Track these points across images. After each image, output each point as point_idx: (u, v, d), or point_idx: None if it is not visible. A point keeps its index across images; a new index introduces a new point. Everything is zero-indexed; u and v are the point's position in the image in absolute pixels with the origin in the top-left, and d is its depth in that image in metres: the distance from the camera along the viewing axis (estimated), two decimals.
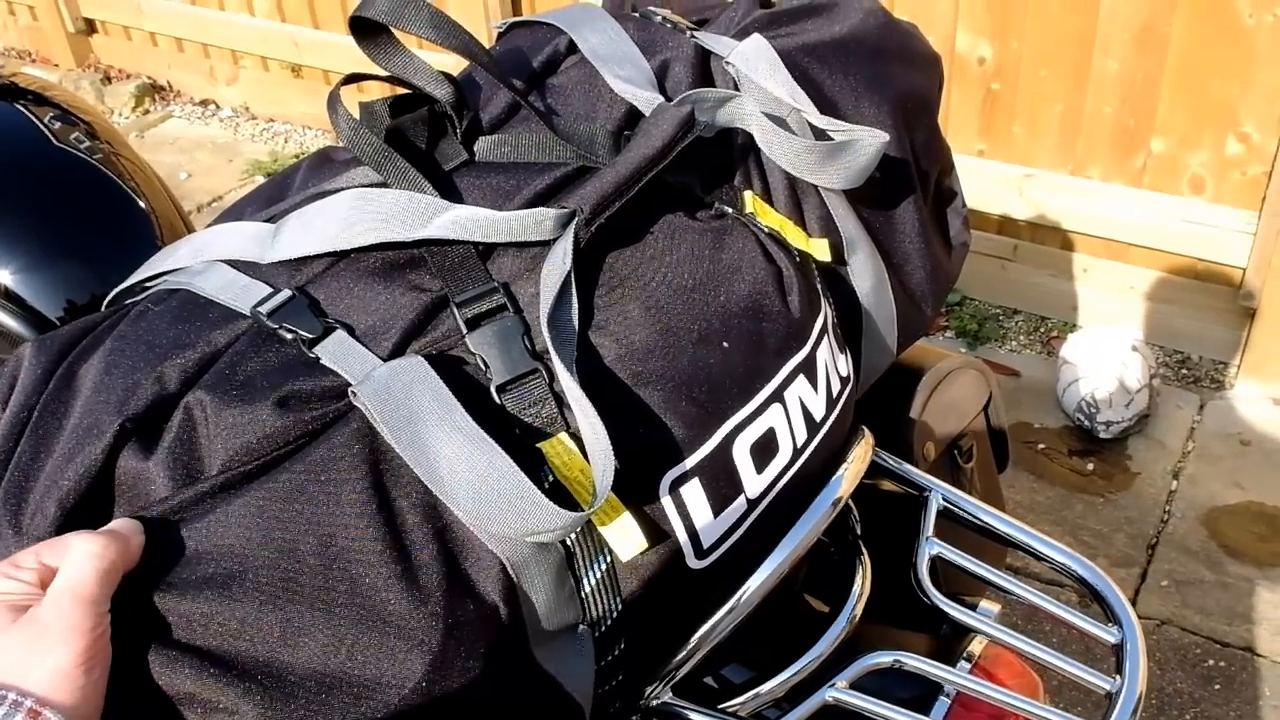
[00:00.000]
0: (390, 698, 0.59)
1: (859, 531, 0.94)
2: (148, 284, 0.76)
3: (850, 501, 0.93)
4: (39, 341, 0.70)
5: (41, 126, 1.44)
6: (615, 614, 0.69)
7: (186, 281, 0.71)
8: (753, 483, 0.73)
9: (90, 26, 4.11)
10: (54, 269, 1.32)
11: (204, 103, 3.95)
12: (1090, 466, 2.27)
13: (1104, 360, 2.29)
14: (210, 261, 0.73)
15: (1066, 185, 2.45)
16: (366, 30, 0.76)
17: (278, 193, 0.81)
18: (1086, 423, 2.31)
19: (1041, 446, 2.32)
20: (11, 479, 0.63)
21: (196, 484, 0.61)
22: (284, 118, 3.80)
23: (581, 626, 0.68)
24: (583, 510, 0.61)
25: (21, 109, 1.45)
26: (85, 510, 0.61)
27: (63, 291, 1.30)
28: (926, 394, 1.04)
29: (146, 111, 3.96)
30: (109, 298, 0.79)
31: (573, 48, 0.84)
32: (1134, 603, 1.98)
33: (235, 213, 0.81)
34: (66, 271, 1.32)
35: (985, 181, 2.51)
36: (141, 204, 1.41)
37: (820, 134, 0.81)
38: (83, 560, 0.56)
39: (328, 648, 0.58)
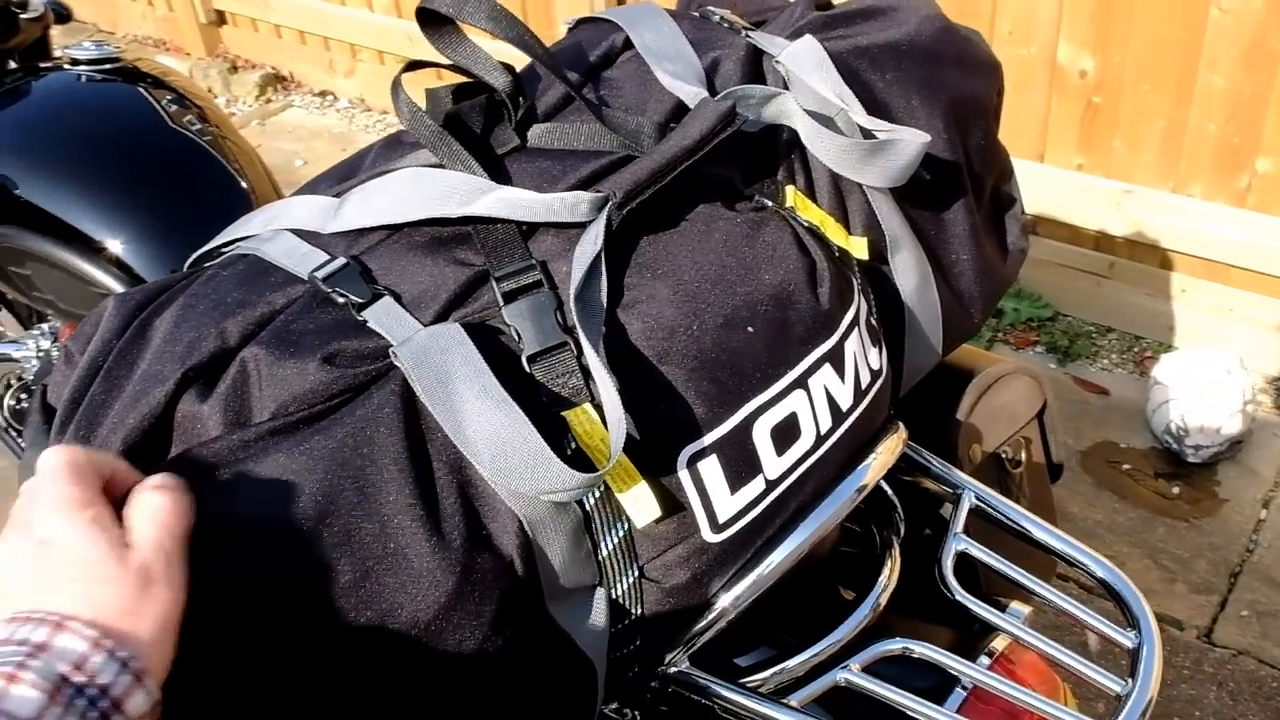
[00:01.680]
0: (407, 630, 0.64)
1: (901, 528, 0.96)
2: (224, 249, 0.82)
3: (895, 498, 0.95)
4: (120, 296, 0.76)
5: (159, 108, 1.53)
6: (631, 579, 0.73)
7: (255, 248, 0.77)
8: (772, 464, 0.76)
9: (220, 18, 4.29)
10: (160, 241, 1.41)
11: (323, 93, 4.09)
12: (1176, 490, 2.22)
13: (1197, 383, 2.24)
14: (278, 230, 0.78)
15: (1167, 203, 2.40)
16: (432, 21, 0.81)
17: (350, 170, 0.87)
18: (1175, 445, 2.26)
19: (1126, 467, 2.28)
20: (83, 416, 0.70)
21: (246, 428, 0.66)
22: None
23: (598, 589, 0.72)
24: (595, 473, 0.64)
25: (143, 91, 1.55)
26: (146, 448, 0.67)
27: (166, 263, 1.39)
28: (975, 397, 1.06)
29: (269, 100, 4.11)
30: (189, 260, 0.85)
31: (630, 43, 0.88)
32: (1210, 631, 1.95)
33: (311, 188, 0.87)
34: (171, 244, 1.41)
35: (1083, 196, 2.48)
36: (243, 184, 1.49)
37: (867, 134, 0.83)
38: (170, 513, 0.58)
39: (353, 579, 0.63)
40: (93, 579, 0.53)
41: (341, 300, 0.71)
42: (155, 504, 0.58)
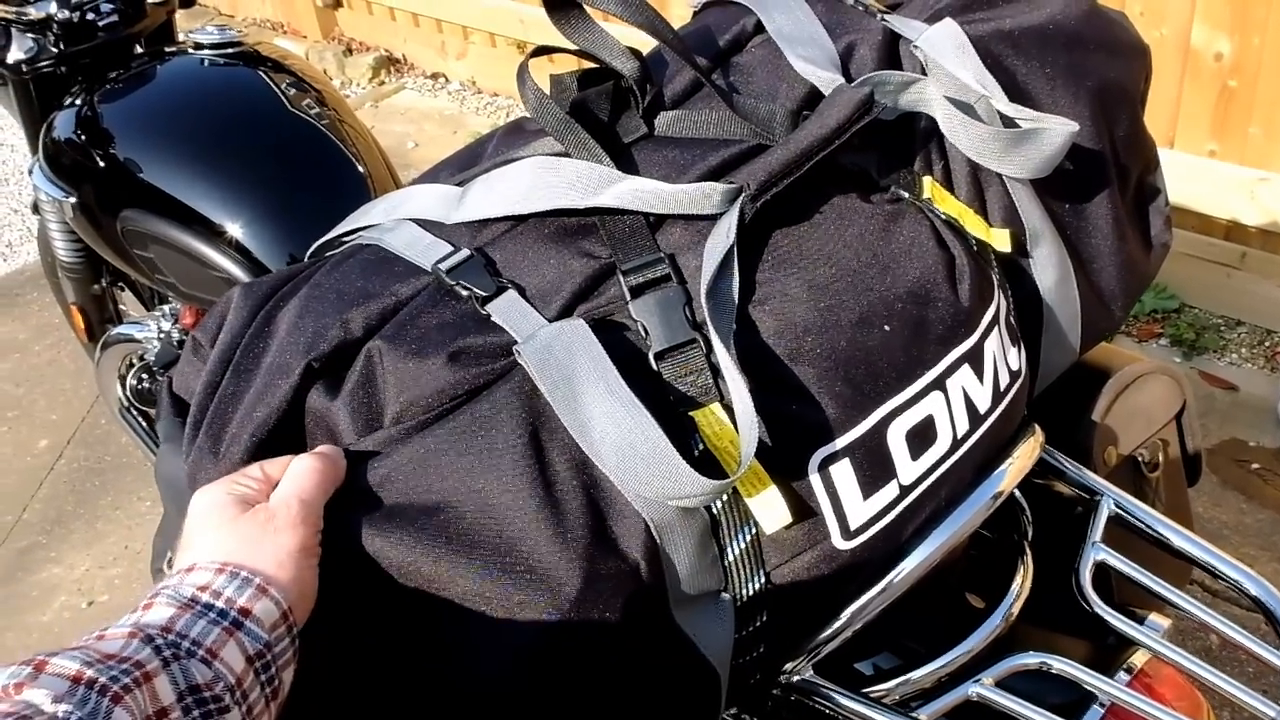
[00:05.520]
0: (528, 639, 0.62)
1: (1029, 532, 0.92)
2: (345, 238, 0.81)
3: (1024, 501, 0.91)
4: (246, 286, 0.76)
5: (279, 92, 1.54)
6: (758, 585, 0.70)
7: (377, 237, 0.76)
8: (907, 469, 0.72)
9: (336, 1, 4.34)
10: (278, 224, 1.42)
11: (434, 76, 4.11)
12: None
13: None
14: (400, 220, 0.77)
15: None
16: (559, 5, 0.79)
17: (472, 159, 0.85)
18: None
19: (1255, 466, 2.19)
20: (215, 411, 0.69)
21: (372, 433, 0.65)
22: (508, 92, 3.91)
23: (724, 594, 0.69)
24: (726, 479, 0.62)
25: (263, 74, 1.56)
26: (276, 441, 0.67)
27: (285, 246, 1.40)
28: (1111, 397, 1.00)
29: (382, 83, 4.15)
30: (311, 250, 0.84)
31: (760, 27, 0.85)
32: None
33: (432, 175, 0.86)
34: (289, 227, 1.42)
35: (1215, 184, 2.37)
36: (360, 168, 1.49)
37: (1009, 122, 0.79)
38: (304, 471, 0.64)
39: (474, 587, 0.62)
40: (218, 530, 0.62)
41: (465, 294, 0.69)
42: (297, 466, 0.65)
